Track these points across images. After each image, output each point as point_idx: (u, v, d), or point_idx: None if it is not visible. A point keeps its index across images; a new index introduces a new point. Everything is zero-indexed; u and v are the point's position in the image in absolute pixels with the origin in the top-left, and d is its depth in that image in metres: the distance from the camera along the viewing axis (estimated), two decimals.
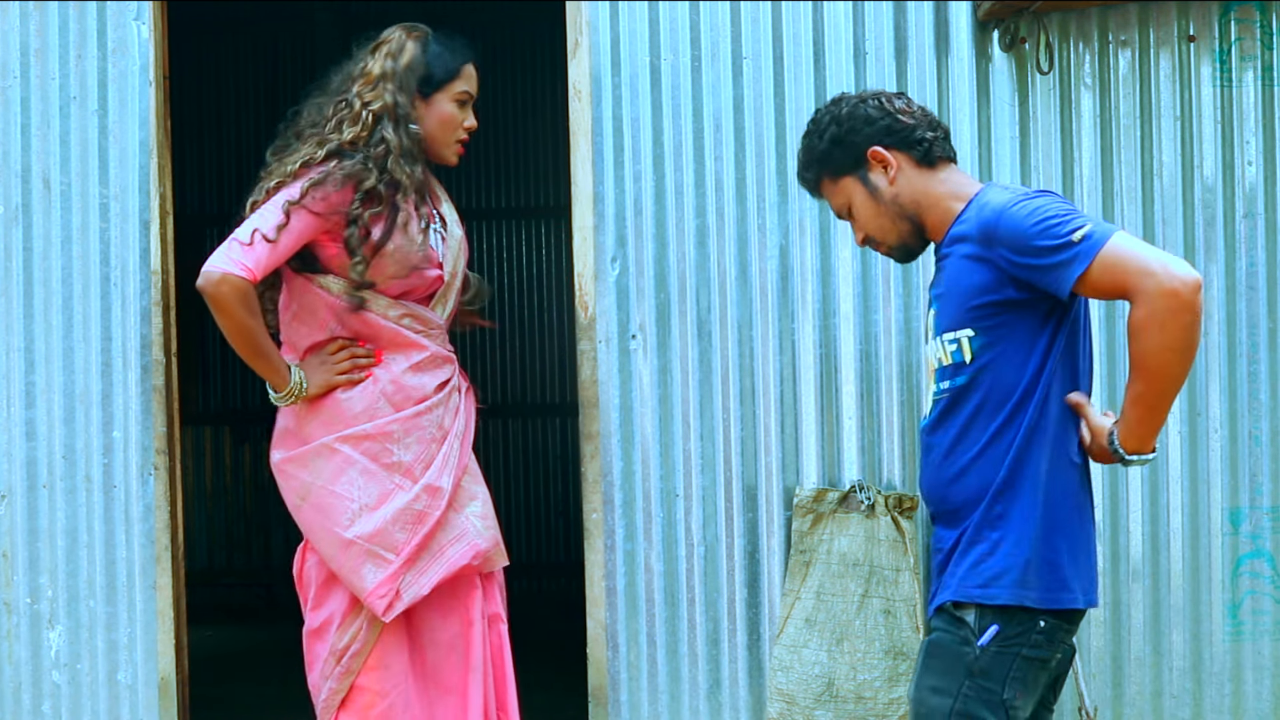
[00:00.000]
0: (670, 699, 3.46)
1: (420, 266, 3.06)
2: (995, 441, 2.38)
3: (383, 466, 3.02)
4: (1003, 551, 2.35)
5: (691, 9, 3.47)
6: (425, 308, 3.12)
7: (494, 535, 3.13)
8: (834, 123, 2.55)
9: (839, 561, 3.37)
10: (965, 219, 2.43)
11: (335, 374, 3.06)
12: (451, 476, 3.08)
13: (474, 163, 7.29)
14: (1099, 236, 2.26)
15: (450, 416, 3.14)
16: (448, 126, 3.12)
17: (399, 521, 3.00)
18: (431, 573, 3.03)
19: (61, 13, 3.47)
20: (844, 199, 2.58)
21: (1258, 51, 3.47)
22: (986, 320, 2.38)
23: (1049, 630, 2.35)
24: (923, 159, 2.50)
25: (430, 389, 3.09)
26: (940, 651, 2.38)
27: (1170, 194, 3.46)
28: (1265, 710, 3.45)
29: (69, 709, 3.45)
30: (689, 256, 3.47)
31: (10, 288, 3.46)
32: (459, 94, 3.12)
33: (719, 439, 3.45)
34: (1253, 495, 3.45)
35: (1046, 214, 2.30)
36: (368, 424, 3.03)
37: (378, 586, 2.98)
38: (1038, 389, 2.36)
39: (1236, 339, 3.46)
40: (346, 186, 2.97)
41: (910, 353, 3.44)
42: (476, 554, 3.07)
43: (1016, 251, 2.31)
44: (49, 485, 3.45)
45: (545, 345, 7.33)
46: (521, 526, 7.23)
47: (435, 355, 3.11)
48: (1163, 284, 2.21)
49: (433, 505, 3.03)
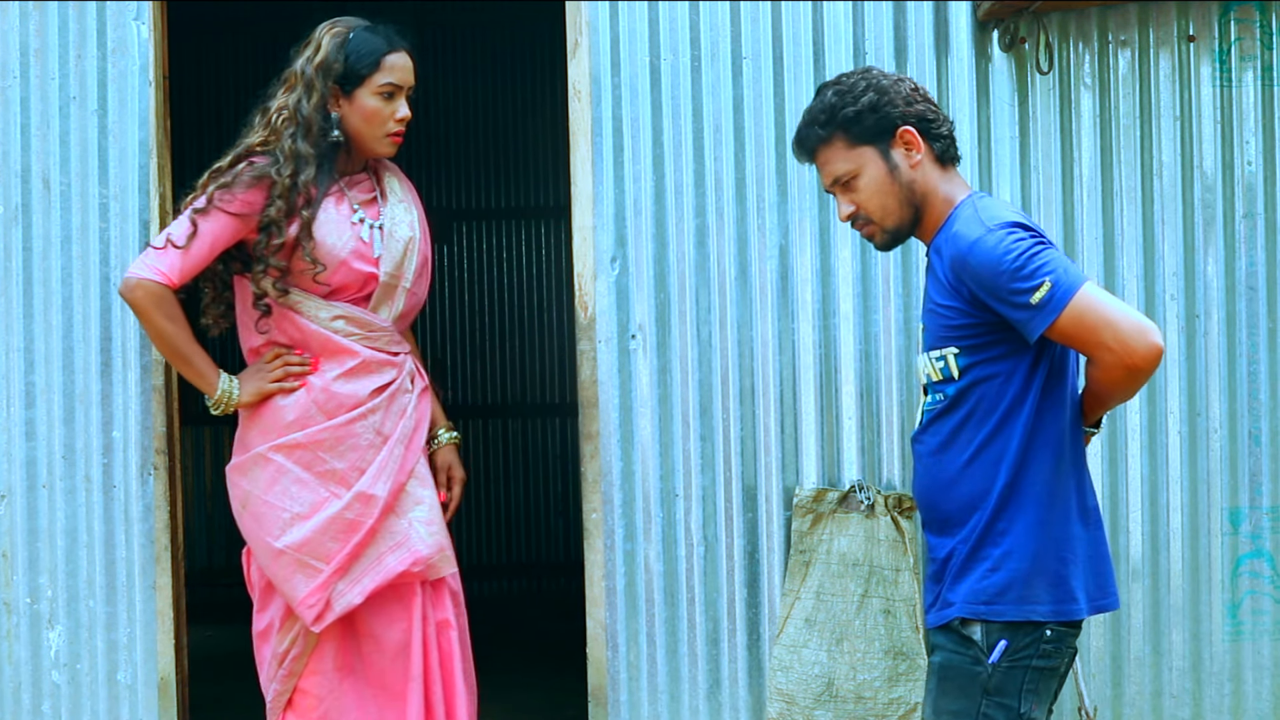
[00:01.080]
0: (670, 699, 3.46)
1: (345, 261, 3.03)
2: (984, 451, 2.38)
3: (316, 475, 3.03)
4: (1007, 567, 2.34)
5: (691, 9, 3.47)
6: (363, 309, 3.09)
7: (437, 541, 3.08)
8: (871, 89, 2.48)
9: (839, 561, 3.37)
10: (944, 234, 2.44)
11: (268, 382, 3.08)
12: (388, 483, 3.04)
13: (474, 163, 7.29)
14: (1059, 299, 2.26)
15: (392, 420, 3.09)
16: (372, 121, 3.08)
17: (329, 530, 2.99)
18: (366, 581, 3.01)
19: (61, 13, 3.47)
20: (852, 167, 2.50)
21: (1258, 51, 3.47)
22: (970, 339, 2.38)
23: (1056, 639, 2.34)
24: (941, 155, 2.49)
25: (364, 395, 3.06)
26: (952, 674, 2.37)
27: (1170, 194, 3.46)
28: (1265, 710, 3.45)
29: (69, 709, 3.45)
30: (689, 256, 3.47)
31: (10, 288, 3.46)
32: (381, 87, 3.07)
33: (719, 439, 3.45)
34: (1252, 495, 3.45)
35: (1010, 264, 2.28)
36: (299, 433, 3.04)
37: (307, 596, 3.00)
38: (1028, 399, 2.36)
39: (1236, 339, 3.46)
40: (257, 187, 3.02)
41: (910, 353, 3.44)
42: (416, 561, 3.04)
43: (984, 290, 2.32)
44: (49, 485, 3.45)
45: (545, 345, 7.33)
46: (521, 526, 7.24)
47: (368, 361, 3.07)
48: (1120, 360, 2.25)
49: (365, 514, 3.01)
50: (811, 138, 2.53)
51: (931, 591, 2.46)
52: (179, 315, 3.04)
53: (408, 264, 3.13)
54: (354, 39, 3.09)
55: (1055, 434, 2.38)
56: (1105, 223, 3.46)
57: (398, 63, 3.10)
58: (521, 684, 4.93)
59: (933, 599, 2.45)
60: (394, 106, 3.09)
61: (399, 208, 3.16)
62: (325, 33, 3.11)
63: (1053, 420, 2.38)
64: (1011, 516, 2.35)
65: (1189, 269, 3.47)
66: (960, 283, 2.36)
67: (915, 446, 2.53)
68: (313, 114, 3.04)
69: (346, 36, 3.09)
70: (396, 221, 3.13)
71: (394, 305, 3.12)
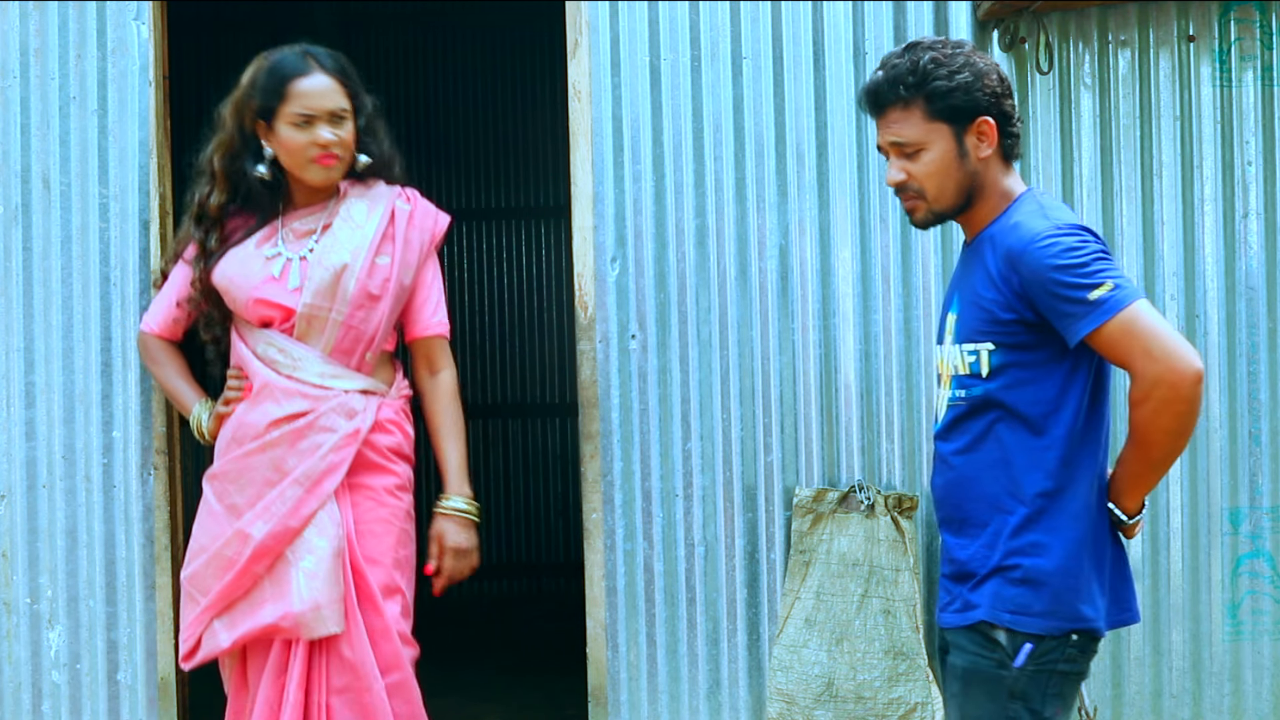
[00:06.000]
0: (670, 699, 3.46)
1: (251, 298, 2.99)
2: (1013, 457, 2.33)
3: (224, 508, 2.99)
4: (1040, 577, 2.30)
5: (691, 9, 3.47)
6: (288, 338, 3.00)
7: (314, 599, 2.87)
8: (968, 69, 2.35)
9: (839, 561, 3.37)
10: (1000, 225, 2.37)
11: (219, 405, 3.11)
12: (269, 524, 2.90)
13: (474, 163, 7.29)
14: (1117, 301, 2.21)
15: (296, 458, 2.93)
16: (291, 152, 2.98)
17: (212, 565, 2.96)
18: (240, 626, 2.92)
19: (61, 13, 3.47)
20: (919, 137, 2.37)
21: (1257, 51, 3.47)
22: (1008, 337, 2.33)
23: (1081, 644, 2.31)
24: (1007, 152, 2.42)
25: (261, 426, 2.96)
26: (978, 678, 2.33)
27: (1170, 194, 3.46)
28: (1265, 710, 3.45)
29: (69, 709, 3.45)
30: (689, 256, 3.47)
31: (10, 288, 3.46)
32: (293, 117, 2.95)
33: (719, 439, 3.45)
34: (1252, 495, 3.45)
35: (1073, 260, 2.24)
36: (218, 463, 3.04)
37: (185, 629, 3.02)
38: (1068, 407, 2.31)
39: (1236, 339, 3.46)
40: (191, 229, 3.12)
41: (910, 353, 3.44)
42: (286, 616, 2.87)
43: (1034, 286, 2.27)
44: (49, 485, 3.45)
45: (545, 345, 7.33)
46: (521, 526, 7.23)
47: (270, 386, 2.97)
48: (1162, 374, 2.20)
49: (239, 552, 2.91)
50: (890, 95, 2.38)
51: (950, 592, 2.41)
52: (163, 357, 3.21)
53: (340, 294, 2.98)
54: (266, 69, 2.99)
55: (1096, 448, 2.34)
56: (1105, 223, 3.46)
57: (308, 88, 2.96)
58: (521, 684, 4.93)
59: (949, 599, 2.41)
60: (312, 134, 2.95)
61: (345, 233, 3.01)
62: (251, 66, 3.05)
63: (1095, 434, 2.34)
64: (1049, 527, 2.30)
65: (1189, 269, 3.47)
66: (1012, 273, 2.29)
67: (937, 444, 2.47)
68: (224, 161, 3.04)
69: (262, 68, 3.01)
70: (331, 249, 3.00)
71: (325, 337, 3.00)
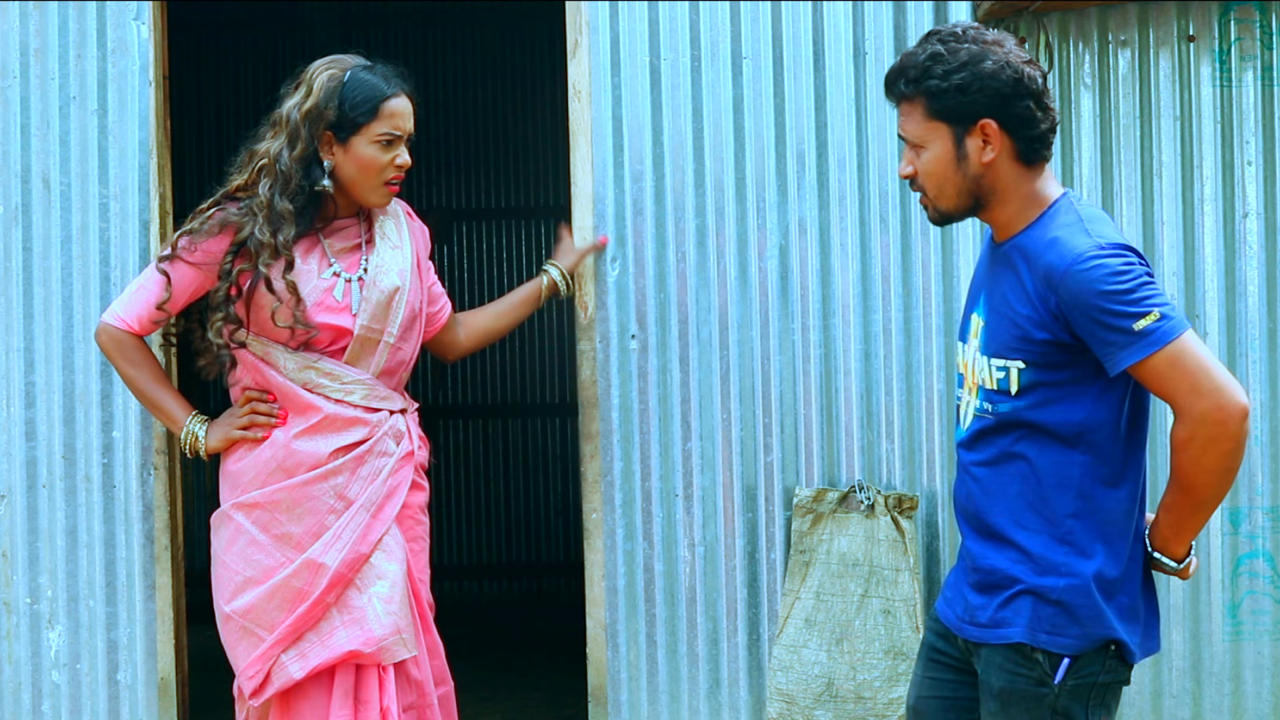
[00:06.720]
0: (670, 699, 3.46)
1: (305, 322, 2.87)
2: (1043, 476, 2.26)
3: (272, 538, 2.89)
4: (1068, 596, 2.24)
5: (691, 9, 3.47)
6: (336, 361, 2.92)
7: (394, 623, 2.86)
8: (967, 69, 2.23)
9: (839, 561, 3.37)
10: (1034, 236, 2.27)
11: (234, 429, 2.95)
12: (342, 553, 2.85)
13: (474, 163, 7.29)
14: (1165, 333, 2.13)
15: (359, 485, 2.90)
16: (368, 171, 2.90)
17: (275, 598, 2.85)
18: (312, 656, 2.85)
19: (61, 13, 3.47)
20: (920, 134, 2.29)
21: (1257, 51, 3.47)
22: (1040, 357, 2.23)
23: (1119, 653, 2.26)
24: (1024, 154, 2.29)
25: (324, 454, 2.88)
26: (1018, 697, 2.26)
27: (1170, 194, 3.46)
28: (1265, 710, 3.45)
29: (69, 709, 3.45)
30: (689, 256, 3.47)
31: (10, 288, 3.46)
32: (378, 136, 2.89)
33: (719, 439, 3.45)
34: (1252, 495, 3.45)
35: (1119, 285, 2.14)
36: (257, 491, 2.90)
37: (248, 666, 2.89)
38: (1095, 428, 2.24)
39: (1236, 339, 3.46)
40: (222, 234, 2.90)
41: (910, 353, 3.44)
42: (368, 641, 2.84)
43: (1074, 310, 2.17)
44: (49, 485, 3.45)
45: (545, 345, 7.32)
46: (521, 526, 7.23)
47: (332, 417, 2.89)
48: (1208, 411, 2.12)
49: (312, 583, 2.84)
50: (895, 89, 2.32)
51: (977, 601, 2.33)
52: (141, 359, 3.00)
53: (392, 316, 2.94)
54: (349, 83, 2.88)
55: (1137, 473, 2.28)
56: None
57: (398, 109, 2.91)
58: (522, 684, 4.93)
59: (975, 607, 2.33)
60: (393, 154, 2.91)
61: (389, 254, 2.97)
62: (319, 73, 2.90)
63: (1135, 460, 2.27)
64: (1074, 541, 2.24)
65: (1189, 269, 3.47)
66: (1050, 292, 2.19)
67: (960, 451, 2.39)
68: (292, 167, 2.85)
69: (341, 80, 2.88)
70: (382, 270, 2.95)
71: (375, 360, 2.95)
